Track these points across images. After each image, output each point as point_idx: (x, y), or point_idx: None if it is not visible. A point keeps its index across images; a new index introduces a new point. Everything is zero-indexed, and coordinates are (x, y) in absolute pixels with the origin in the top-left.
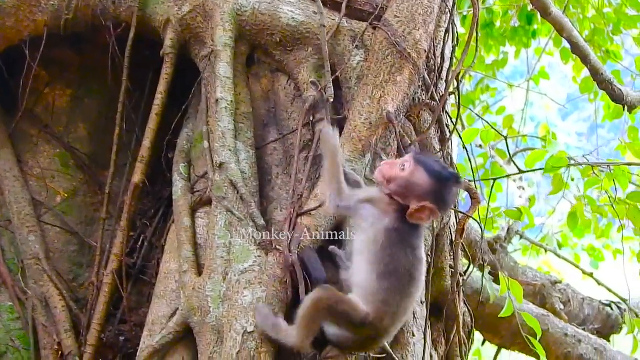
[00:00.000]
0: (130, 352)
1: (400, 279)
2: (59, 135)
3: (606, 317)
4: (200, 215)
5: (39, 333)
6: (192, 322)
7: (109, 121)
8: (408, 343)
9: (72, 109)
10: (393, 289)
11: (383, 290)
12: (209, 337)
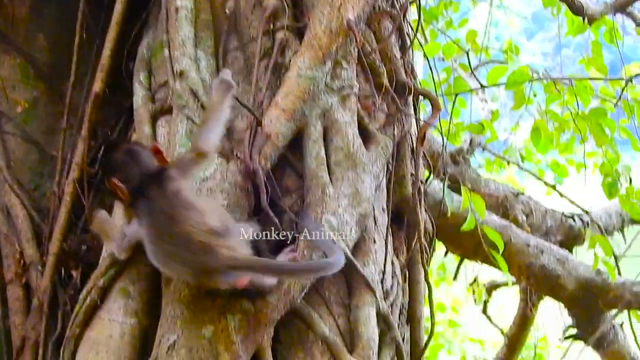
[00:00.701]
0: (92, 262)
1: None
2: (19, 46)
3: (568, 229)
4: (161, 123)
5: (1, 242)
6: None
7: (69, 31)
8: (369, 250)
9: (31, 19)
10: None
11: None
12: None
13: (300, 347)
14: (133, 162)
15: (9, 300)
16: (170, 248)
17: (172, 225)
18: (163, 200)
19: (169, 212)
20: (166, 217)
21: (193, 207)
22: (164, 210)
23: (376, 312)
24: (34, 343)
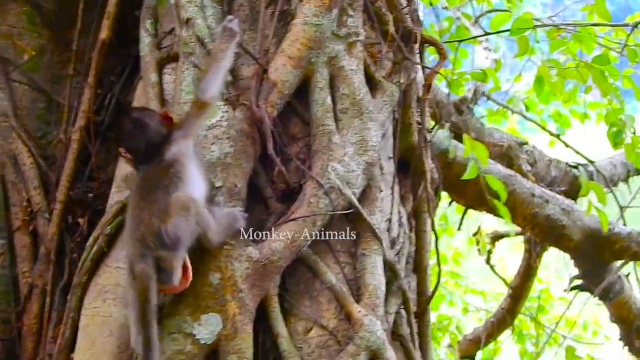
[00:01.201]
0: (99, 209)
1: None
2: None
3: (573, 179)
4: (168, 71)
5: (8, 190)
6: None
7: None
8: (376, 198)
9: None
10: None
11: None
12: None
13: (306, 295)
14: (139, 132)
15: (16, 247)
16: (130, 221)
17: (140, 202)
18: (156, 168)
19: (152, 184)
20: (145, 190)
21: (170, 187)
22: (148, 182)
23: (383, 260)
24: (41, 290)
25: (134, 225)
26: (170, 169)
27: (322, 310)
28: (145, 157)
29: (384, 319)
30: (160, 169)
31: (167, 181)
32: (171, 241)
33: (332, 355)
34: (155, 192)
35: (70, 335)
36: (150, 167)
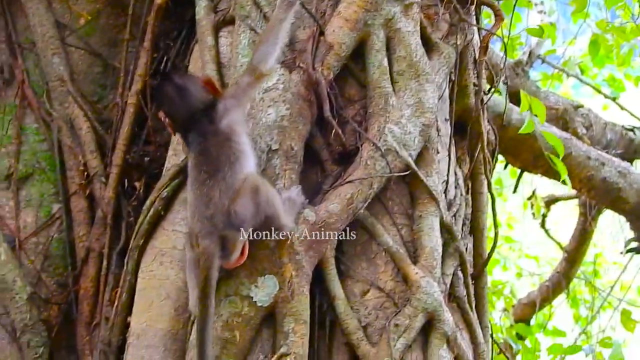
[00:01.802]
0: (155, 173)
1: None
2: None
3: (629, 142)
4: (224, 34)
5: (65, 154)
6: None
7: None
8: (432, 160)
9: None
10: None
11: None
12: None
13: (363, 257)
14: (179, 98)
15: (73, 212)
16: (197, 197)
17: (207, 179)
18: (213, 139)
19: (215, 158)
20: (209, 165)
21: (236, 164)
22: (210, 155)
23: (439, 222)
24: (97, 254)
25: (203, 202)
26: (230, 142)
27: (379, 272)
28: (192, 125)
29: (441, 281)
30: (219, 140)
31: (231, 155)
32: (238, 222)
33: (389, 317)
34: (221, 167)
35: (127, 299)
36: (206, 138)
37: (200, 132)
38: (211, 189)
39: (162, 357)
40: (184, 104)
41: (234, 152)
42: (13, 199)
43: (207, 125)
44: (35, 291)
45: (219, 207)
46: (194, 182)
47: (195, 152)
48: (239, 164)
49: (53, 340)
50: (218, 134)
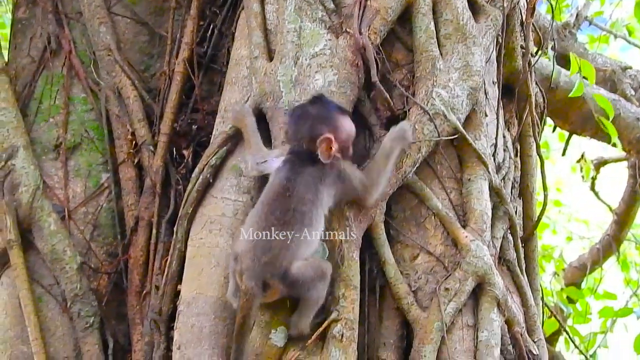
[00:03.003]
0: (203, 140)
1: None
2: None
3: None
4: (270, 1)
5: (113, 123)
6: (264, 107)
7: None
8: (480, 123)
9: None
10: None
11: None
12: (282, 121)
13: (413, 222)
14: (303, 124)
15: (122, 180)
16: (254, 227)
17: (275, 226)
18: (309, 176)
19: (290, 209)
20: (284, 206)
21: (311, 228)
22: (292, 195)
23: (489, 185)
24: (147, 223)
25: (261, 246)
26: (318, 197)
27: (429, 236)
28: (302, 153)
29: (491, 244)
30: (313, 180)
31: (312, 213)
32: (291, 280)
33: (439, 281)
34: (293, 223)
35: (176, 267)
36: (303, 170)
37: (303, 161)
38: (274, 238)
39: (212, 325)
40: (304, 133)
41: (315, 212)
42: (62, 169)
43: (306, 167)
44: (85, 261)
45: (274, 262)
46: (263, 215)
47: (283, 177)
48: (312, 236)
49: (103, 309)
50: (320, 177)
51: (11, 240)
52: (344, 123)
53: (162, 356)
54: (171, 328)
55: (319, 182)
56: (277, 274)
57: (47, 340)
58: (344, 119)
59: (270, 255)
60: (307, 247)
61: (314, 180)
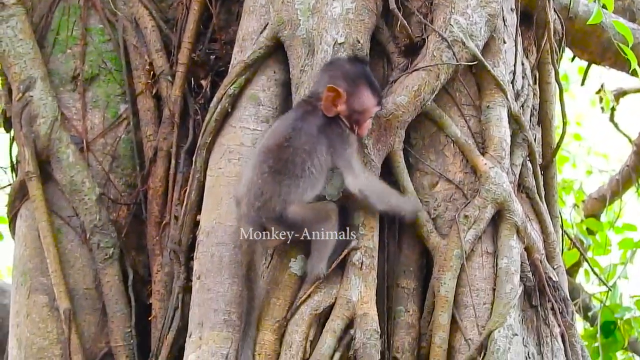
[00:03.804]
0: (221, 70)
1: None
2: None
3: None
4: None
5: (130, 54)
6: (282, 35)
7: None
8: (499, 50)
9: None
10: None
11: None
12: (300, 50)
13: (432, 149)
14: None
15: (140, 111)
16: (248, 175)
17: (269, 172)
18: (308, 130)
19: (287, 157)
20: (280, 155)
21: (304, 182)
22: (290, 144)
23: (507, 112)
24: (165, 153)
25: (254, 192)
26: (317, 155)
27: (448, 164)
28: (307, 105)
29: (510, 172)
30: (313, 140)
31: (307, 168)
32: (289, 224)
33: (458, 209)
34: (290, 166)
35: (196, 197)
36: (307, 119)
37: (308, 113)
38: (266, 184)
39: (232, 254)
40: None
41: (312, 168)
42: (80, 100)
43: (322, 120)
44: (104, 192)
45: (267, 206)
46: (257, 162)
47: (283, 125)
48: (306, 185)
49: (123, 240)
50: (321, 132)
51: (30, 172)
52: (365, 94)
53: (182, 286)
54: (191, 258)
55: (320, 133)
56: (272, 218)
57: (67, 271)
58: (369, 92)
59: (263, 200)
60: (304, 192)
61: (316, 131)
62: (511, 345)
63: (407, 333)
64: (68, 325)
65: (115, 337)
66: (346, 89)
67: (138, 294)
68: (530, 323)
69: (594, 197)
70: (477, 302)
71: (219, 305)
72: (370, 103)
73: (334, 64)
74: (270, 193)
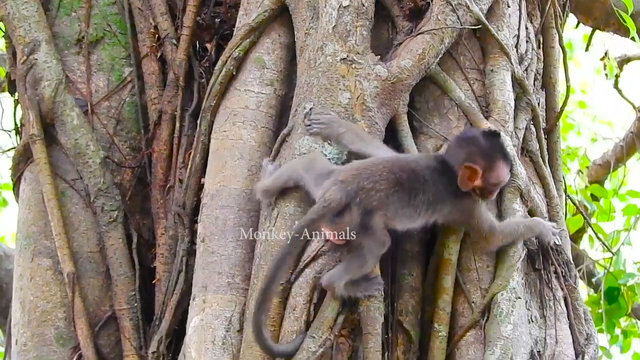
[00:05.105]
0: (226, 34)
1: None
2: None
3: None
4: None
5: (135, 17)
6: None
7: None
8: (503, 14)
9: None
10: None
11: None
12: (305, 13)
13: (436, 113)
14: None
15: (145, 74)
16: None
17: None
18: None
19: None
20: (394, 170)
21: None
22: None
23: (511, 76)
24: (170, 116)
25: (366, 177)
26: (440, 203)
27: (452, 127)
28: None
29: (514, 135)
30: (440, 191)
31: (426, 202)
32: (364, 224)
33: None
34: (413, 191)
35: (200, 160)
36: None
37: (440, 171)
38: (384, 186)
39: (236, 217)
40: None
41: (424, 209)
42: (84, 63)
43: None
44: (108, 155)
45: (371, 196)
46: (387, 163)
47: (424, 161)
48: (407, 215)
49: (127, 204)
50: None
51: (34, 135)
52: (500, 169)
53: (186, 249)
54: (195, 221)
55: (449, 193)
56: (363, 206)
57: (71, 235)
58: (503, 165)
59: (370, 189)
60: (400, 217)
61: (445, 191)
62: (514, 309)
63: (411, 296)
64: (72, 289)
65: (119, 301)
66: (484, 166)
67: (142, 258)
68: (533, 286)
69: (598, 164)
70: (480, 266)
71: (223, 268)
72: (505, 176)
73: (469, 140)
74: (382, 194)
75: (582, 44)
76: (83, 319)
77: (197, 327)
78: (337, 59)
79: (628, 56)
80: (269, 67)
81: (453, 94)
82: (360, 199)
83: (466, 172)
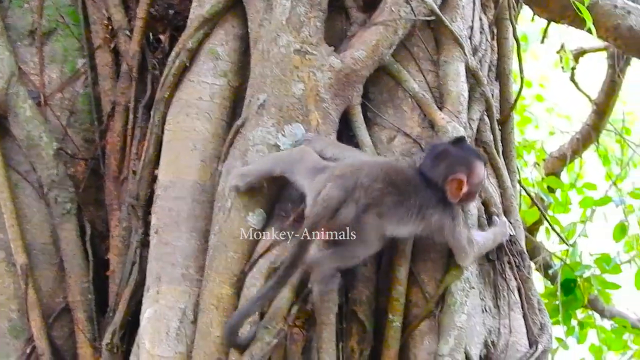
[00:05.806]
0: (180, 25)
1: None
2: None
3: None
4: None
5: (88, 8)
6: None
7: None
8: (457, 5)
9: None
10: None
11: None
12: (258, 5)
13: (390, 104)
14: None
15: (98, 66)
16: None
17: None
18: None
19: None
20: (390, 179)
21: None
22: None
23: (465, 67)
24: (123, 108)
25: (365, 173)
26: (428, 213)
27: (406, 118)
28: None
29: (467, 126)
30: (432, 204)
31: (419, 211)
32: (357, 221)
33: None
34: (406, 196)
35: (153, 151)
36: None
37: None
38: (381, 187)
39: (190, 208)
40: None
41: (414, 216)
42: (37, 54)
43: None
44: (61, 147)
45: (369, 193)
46: (385, 166)
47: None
48: (402, 219)
49: (81, 195)
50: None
51: None
52: (479, 168)
53: (140, 241)
54: (149, 213)
55: (428, 204)
56: (361, 202)
57: (24, 227)
58: (480, 165)
59: (369, 190)
60: (395, 222)
61: (424, 202)
62: (468, 299)
63: (365, 286)
64: (25, 281)
65: (73, 292)
66: (466, 173)
67: (96, 249)
68: (487, 277)
69: (554, 156)
70: (434, 257)
71: (177, 259)
72: (483, 173)
73: (443, 154)
74: (378, 192)
75: (540, 37)
76: (36, 311)
77: (151, 318)
78: (291, 50)
79: (584, 48)
80: (223, 58)
81: (407, 85)
82: (359, 195)
83: (453, 184)
